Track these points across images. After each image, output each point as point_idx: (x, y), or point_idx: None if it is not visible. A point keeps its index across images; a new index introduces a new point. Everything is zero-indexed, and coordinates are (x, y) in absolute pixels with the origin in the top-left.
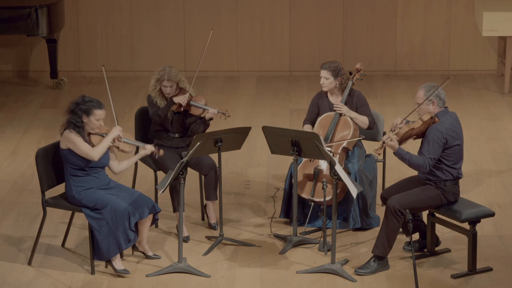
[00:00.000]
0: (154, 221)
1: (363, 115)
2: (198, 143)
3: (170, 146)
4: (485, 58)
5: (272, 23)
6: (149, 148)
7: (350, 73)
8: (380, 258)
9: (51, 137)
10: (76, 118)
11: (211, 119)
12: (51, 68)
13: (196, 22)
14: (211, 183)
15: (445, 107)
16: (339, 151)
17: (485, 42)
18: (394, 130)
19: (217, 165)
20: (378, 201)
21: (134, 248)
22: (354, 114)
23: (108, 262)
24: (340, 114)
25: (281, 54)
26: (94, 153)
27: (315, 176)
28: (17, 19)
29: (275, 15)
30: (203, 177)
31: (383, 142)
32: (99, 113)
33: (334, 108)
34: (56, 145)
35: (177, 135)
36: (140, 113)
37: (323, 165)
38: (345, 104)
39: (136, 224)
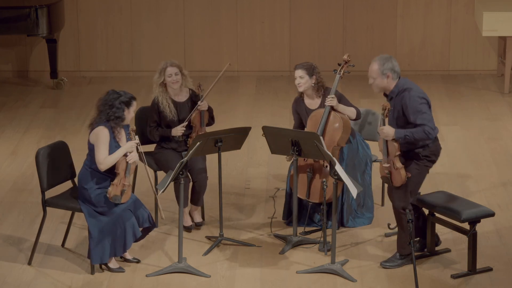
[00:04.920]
0: (146, 232)
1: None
2: (198, 143)
3: (172, 148)
4: (485, 58)
5: (272, 23)
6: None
7: (339, 64)
8: (406, 255)
9: (51, 137)
10: (120, 112)
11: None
12: (51, 68)
13: (196, 22)
14: (199, 191)
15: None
16: (330, 150)
17: (485, 42)
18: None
19: (206, 169)
20: (377, 201)
21: None
22: (342, 107)
23: (104, 263)
24: (330, 111)
25: (281, 54)
26: (104, 163)
27: (308, 178)
28: (17, 19)
29: (275, 15)
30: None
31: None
32: (135, 104)
33: (326, 102)
34: (56, 145)
35: (180, 138)
36: (140, 113)
37: (315, 166)
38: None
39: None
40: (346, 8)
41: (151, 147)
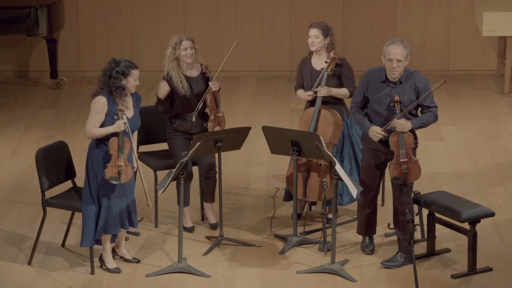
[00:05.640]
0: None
1: (344, 87)
2: (198, 143)
3: (184, 132)
4: (485, 58)
5: (272, 23)
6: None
7: (326, 62)
8: (407, 253)
9: (51, 137)
10: (118, 82)
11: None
12: (51, 68)
13: (196, 22)
14: (209, 186)
15: None
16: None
17: (485, 42)
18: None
19: (217, 166)
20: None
21: (114, 252)
22: (334, 92)
23: (102, 262)
24: (320, 109)
25: (281, 54)
26: (90, 133)
27: (303, 177)
28: (17, 19)
29: (275, 15)
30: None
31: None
32: (135, 73)
33: (318, 93)
34: (56, 145)
35: (194, 118)
36: (142, 112)
37: (309, 165)
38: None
39: None
40: (346, 8)
41: (151, 148)
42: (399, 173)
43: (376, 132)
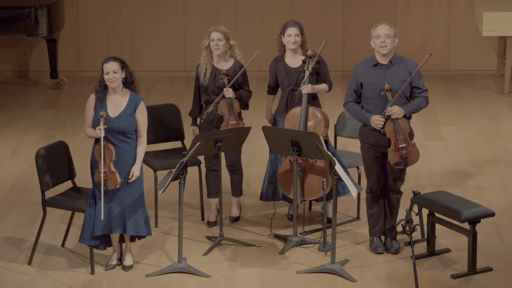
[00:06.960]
0: (133, 239)
1: (322, 83)
2: (198, 143)
3: (208, 122)
4: (485, 58)
5: (272, 23)
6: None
7: (304, 61)
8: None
9: (51, 137)
10: (101, 79)
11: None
12: (51, 68)
13: (196, 22)
14: (234, 181)
15: None
16: None
17: (485, 42)
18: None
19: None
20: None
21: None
22: (316, 88)
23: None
24: (307, 107)
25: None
26: (85, 132)
27: (300, 177)
28: (17, 19)
29: (275, 15)
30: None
31: (389, 118)
32: (104, 67)
33: (302, 91)
34: (56, 145)
35: (218, 110)
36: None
37: (305, 164)
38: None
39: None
40: (346, 8)
41: (152, 148)
42: (400, 158)
43: (377, 120)
